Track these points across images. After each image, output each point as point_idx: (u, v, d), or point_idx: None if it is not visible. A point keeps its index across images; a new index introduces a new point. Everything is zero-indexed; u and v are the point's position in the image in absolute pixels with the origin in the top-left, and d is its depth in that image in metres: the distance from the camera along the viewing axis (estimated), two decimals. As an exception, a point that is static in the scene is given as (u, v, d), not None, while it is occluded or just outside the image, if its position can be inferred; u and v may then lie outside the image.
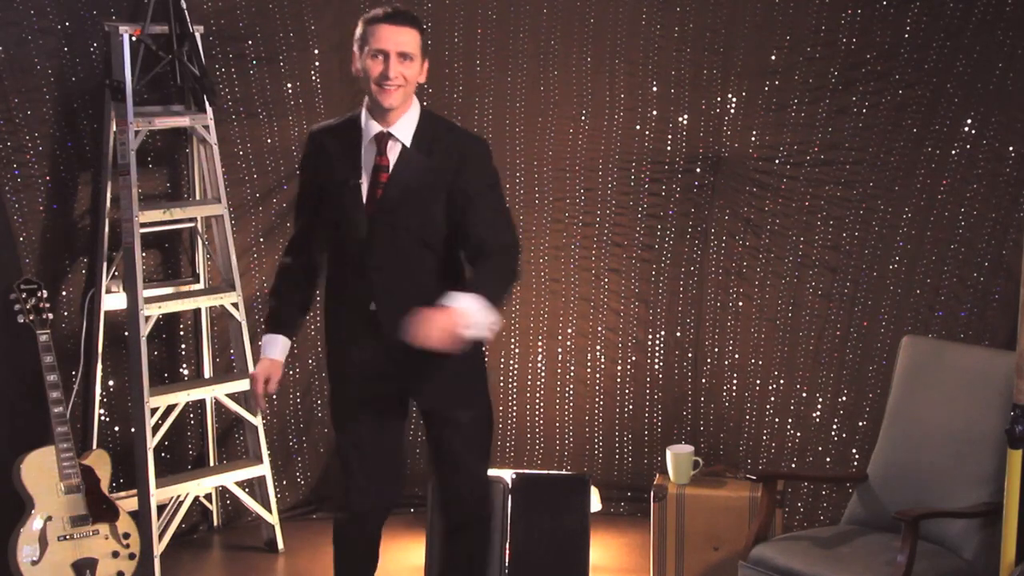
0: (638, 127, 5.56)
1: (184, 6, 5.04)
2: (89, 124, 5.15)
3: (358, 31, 3.79)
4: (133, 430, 5.12)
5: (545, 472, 5.34)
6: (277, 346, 3.97)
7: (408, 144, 3.81)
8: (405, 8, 3.83)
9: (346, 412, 4.00)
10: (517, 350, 5.75)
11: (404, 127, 3.81)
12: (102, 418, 5.27)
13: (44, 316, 4.81)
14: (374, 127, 3.81)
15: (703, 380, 5.63)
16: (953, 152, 5.07)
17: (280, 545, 5.41)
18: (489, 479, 4.18)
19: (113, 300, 5.17)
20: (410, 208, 3.80)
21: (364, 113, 3.84)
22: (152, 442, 5.05)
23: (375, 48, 3.74)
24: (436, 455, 4.03)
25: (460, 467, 4.00)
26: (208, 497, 5.58)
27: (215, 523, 5.63)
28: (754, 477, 4.41)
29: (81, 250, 5.20)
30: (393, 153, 3.81)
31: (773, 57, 5.34)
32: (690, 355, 5.64)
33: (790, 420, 5.41)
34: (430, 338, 3.53)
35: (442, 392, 3.93)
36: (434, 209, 3.80)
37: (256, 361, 5.42)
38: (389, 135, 3.80)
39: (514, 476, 4.78)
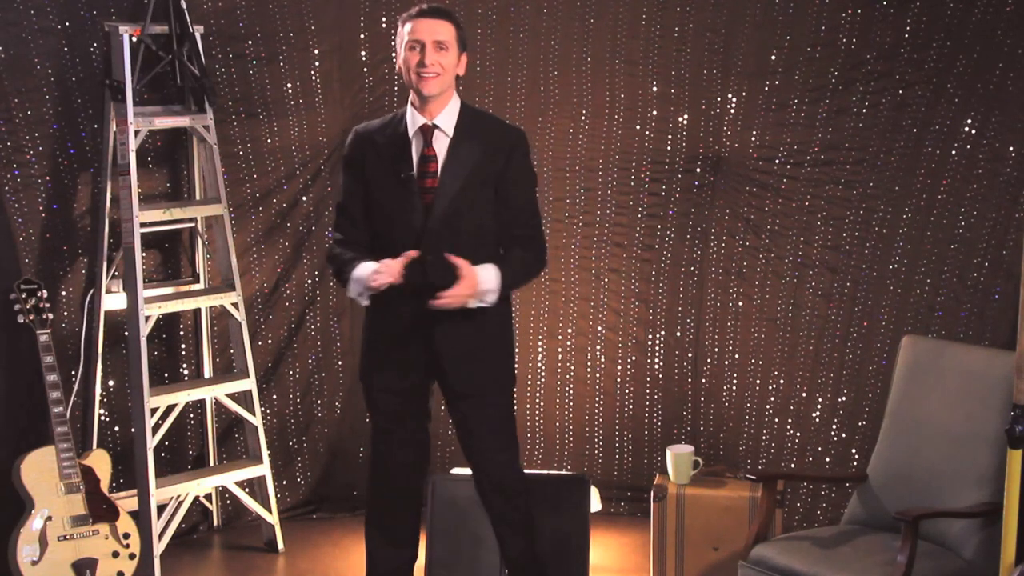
0: (638, 127, 5.56)
1: (184, 6, 5.04)
2: (89, 124, 5.14)
3: (398, 31, 4.04)
4: (133, 430, 5.12)
5: (545, 472, 5.33)
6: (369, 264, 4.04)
7: (451, 135, 4.00)
8: (440, 4, 4.07)
9: (377, 399, 4.20)
10: (517, 350, 5.75)
11: (447, 119, 4.02)
12: (102, 418, 5.26)
13: (44, 316, 4.81)
14: (418, 119, 4.00)
15: (703, 380, 5.63)
16: (953, 152, 5.07)
17: (280, 545, 5.41)
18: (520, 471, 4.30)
19: (113, 300, 5.17)
20: (462, 197, 3.98)
21: (408, 108, 4.04)
22: (152, 442, 5.05)
23: (412, 39, 3.96)
24: (465, 442, 4.22)
25: (484, 453, 4.18)
26: (208, 497, 5.58)
27: (215, 523, 5.63)
28: (754, 477, 4.41)
29: (81, 250, 5.20)
30: (439, 144, 4.00)
31: (773, 57, 5.34)
32: (690, 355, 5.64)
33: (790, 420, 5.41)
34: (452, 297, 3.87)
35: (471, 375, 4.12)
36: (484, 198, 4.01)
37: (255, 360, 5.44)
38: (434, 126, 4.00)
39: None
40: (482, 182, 4.00)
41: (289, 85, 5.56)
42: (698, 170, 5.54)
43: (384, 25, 5.61)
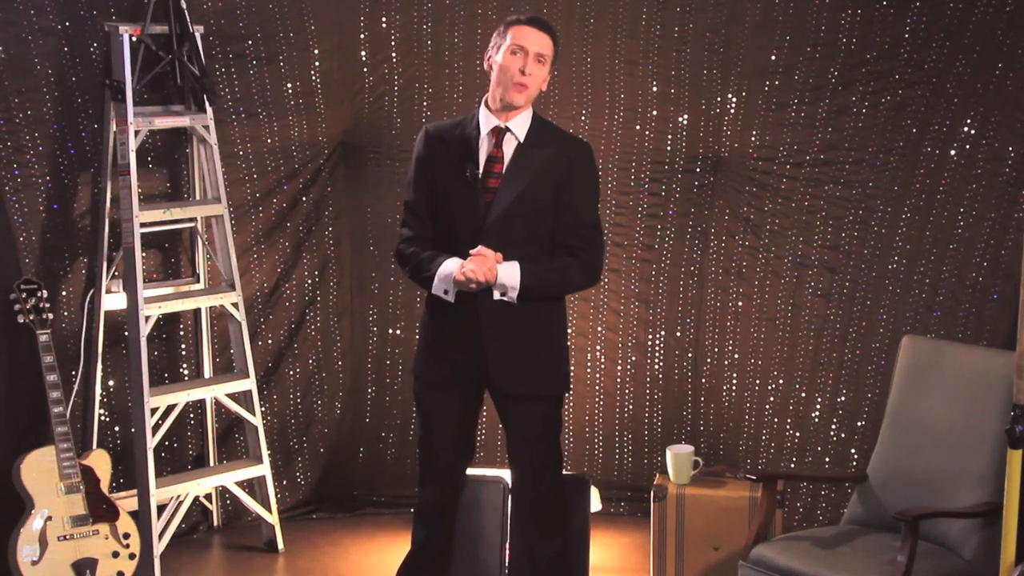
0: (638, 127, 5.56)
1: (184, 6, 5.04)
2: (89, 124, 5.14)
3: (500, 30, 4.06)
4: (133, 430, 5.12)
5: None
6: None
7: (522, 140, 4.04)
8: (545, 18, 4.12)
9: (431, 400, 4.15)
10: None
11: (519, 124, 4.06)
12: (102, 418, 5.26)
13: (44, 316, 4.81)
14: (492, 120, 4.04)
15: (703, 380, 5.63)
16: (952, 152, 5.07)
17: (280, 545, 5.41)
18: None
19: (113, 300, 5.17)
20: (521, 199, 4.00)
21: (482, 109, 4.07)
22: (152, 442, 5.05)
23: (516, 44, 3.98)
24: (508, 443, 4.20)
25: (524, 456, 4.17)
26: (208, 497, 5.58)
27: (215, 523, 5.63)
28: (754, 477, 4.42)
29: (81, 250, 5.20)
30: (508, 146, 4.04)
31: (773, 57, 5.34)
32: (690, 355, 5.64)
33: (790, 420, 5.42)
34: (474, 269, 3.88)
35: (515, 377, 4.09)
36: (544, 203, 4.02)
37: (255, 360, 5.44)
38: (506, 129, 4.04)
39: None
40: (543, 187, 4.02)
41: (289, 85, 5.56)
42: (698, 170, 5.54)
43: (384, 25, 5.61)
